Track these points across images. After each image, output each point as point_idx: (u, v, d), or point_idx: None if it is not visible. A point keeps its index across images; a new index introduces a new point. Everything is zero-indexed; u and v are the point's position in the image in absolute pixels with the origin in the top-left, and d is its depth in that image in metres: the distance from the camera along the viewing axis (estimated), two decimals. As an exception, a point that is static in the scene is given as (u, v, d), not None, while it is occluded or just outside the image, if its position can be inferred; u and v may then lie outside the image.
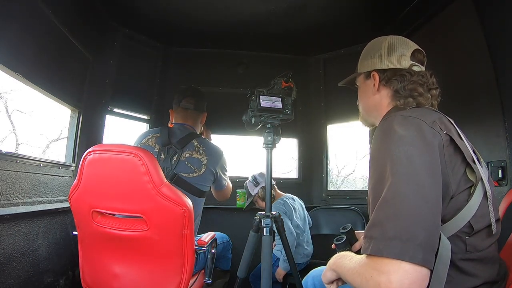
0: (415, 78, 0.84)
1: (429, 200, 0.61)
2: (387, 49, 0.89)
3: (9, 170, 1.25)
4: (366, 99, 0.95)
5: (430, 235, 0.59)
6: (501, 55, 1.25)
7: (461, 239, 0.67)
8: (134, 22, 2.08)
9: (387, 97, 0.88)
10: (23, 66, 1.31)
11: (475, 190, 0.67)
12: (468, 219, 0.66)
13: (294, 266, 1.34)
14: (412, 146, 0.64)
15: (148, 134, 1.49)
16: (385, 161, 0.66)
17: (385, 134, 0.70)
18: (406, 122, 0.69)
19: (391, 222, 0.60)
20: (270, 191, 1.25)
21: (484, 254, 0.69)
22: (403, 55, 0.88)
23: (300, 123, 2.53)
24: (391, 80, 0.87)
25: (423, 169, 0.62)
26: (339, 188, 8.24)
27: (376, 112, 0.92)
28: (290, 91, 1.29)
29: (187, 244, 1.12)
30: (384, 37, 0.93)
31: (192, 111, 1.58)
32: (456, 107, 1.56)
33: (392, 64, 0.88)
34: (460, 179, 0.68)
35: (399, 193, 0.61)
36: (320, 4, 1.81)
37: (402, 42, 0.90)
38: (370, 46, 0.96)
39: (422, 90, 0.84)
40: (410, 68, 0.86)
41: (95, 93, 1.94)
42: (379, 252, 0.59)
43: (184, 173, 1.37)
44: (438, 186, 0.63)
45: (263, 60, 2.50)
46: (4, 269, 1.17)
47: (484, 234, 0.69)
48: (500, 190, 1.23)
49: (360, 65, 0.97)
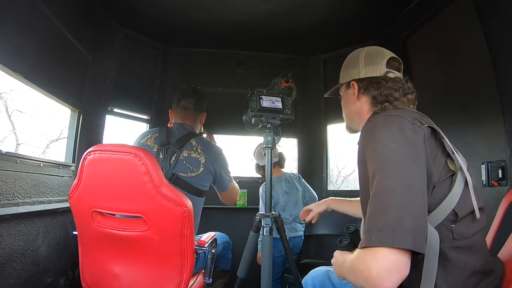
0: (390, 84, 0.90)
1: (415, 191, 0.66)
2: (364, 60, 0.96)
3: (9, 170, 1.25)
4: (348, 107, 1.02)
5: (419, 222, 0.64)
6: (501, 55, 1.25)
7: (448, 227, 0.71)
8: (134, 22, 2.08)
9: (367, 103, 0.95)
10: (23, 66, 1.31)
11: (456, 178, 0.73)
12: (452, 207, 0.71)
13: (294, 266, 1.34)
14: (395, 143, 0.71)
15: (147, 134, 1.49)
16: (372, 160, 0.72)
17: (370, 134, 0.76)
18: (389, 121, 0.76)
19: (380, 215, 0.65)
20: (270, 191, 1.25)
21: (472, 241, 0.73)
22: (379, 64, 0.94)
23: (300, 123, 2.53)
24: (368, 88, 0.93)
25: (407, 163, 0.68)
26: (339, 188, 8.24)
27: (358, 118, 0.99)
28: (290, 91, 1.29)
29: (187, 244, 1.12)
30: (362, 49, 1.00)
31: (192, 111, 1.57)
32: (456, 107, 1.56)
33: (369, 73, 0.94)
34: (442, 168, 0.73)
35: (386, 187, 0.66)
36: (320, 4, 1.81)
37: (378, 52, 0.96)
38: (350, 57, 1.02)
39: (397, 95, 0.89)
40: (385, 76, 0.92)
41: (95, 93, 1.94)
42: (371, 243, 0.63)
43: (183, 173, 1.37)
44: (423, 177, 0.68)
45: (263, 60, 2.50)
46: (4, 269, 1.17)
47: (469, 221, 0.73)
48: (500, 190, 1.24)
49: (341, 76, 1.04)
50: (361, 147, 0.79)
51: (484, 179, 1.30)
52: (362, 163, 0.77)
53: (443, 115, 1.66)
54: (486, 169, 1.29)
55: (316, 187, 2.45)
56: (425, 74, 1.83)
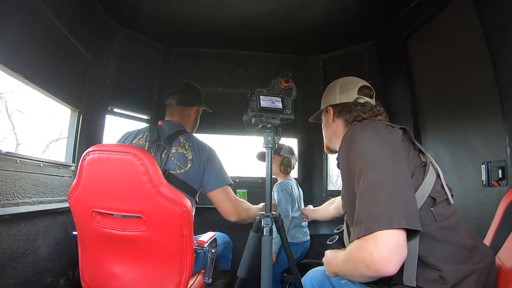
0: (359, 108, 1.04)
1: (399, 181, 0.73)
2: (339, 88, 1.12)
3: (9, 170, 1.25)
4: (327, 130, 1.18)
5: (408, 204, 0.70)
6: (501, 55, 1.25)
7: (428, 210, 0.79)
8: (134, 22, 2.08)
9: (341, 125, 1.10)
10: (23, 66, 1.31)
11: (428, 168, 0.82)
12: (428, 193, 0.79)
13: (294, 266, 1.33)
14: (373, 143, 0.79)
15: (138, 133, 1.49)
16: (355, 161, 0.79)
17: (350, 140, 0.84)
18: (364, 128, 0.86)
19: (372, 205, 0.70)
20: (270, 191, 1.25)
21: (453, 220, 0.81)
22: (351, 91, 1.08)
23: (300, 123, 2.53)
24: (341, 112, 1.08)
25: (387, 157, 0.76)
26: (339, 188, 8.21)
27: (336, 138, 1.13)
28: (290, 91, 1.29)
29: (186, 244, 1.12)
30: (338, 79, 1.16)
31: (175, 107, 1.57)
32: (456, 107, 1.56)
33: (342, 99, 1.09)
34: (416, 160, 0.83)
35: (372, 181, 0.73)
36: (320, 4, 1.81)
37: (351, 81, 1.12)
38: (328, 87, 1.18)
39: (366, 116, 1.02)
40: (355, 101, 1.06)
41: (95, 93, 1.94)
42: (369, 230, 0.67)
43: (172, 170, 1.36)
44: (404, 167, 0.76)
45: (263, 60, 2.50)
46: (4, 269, 1.17)
47: (445, 204, 0.83)
48: (500, 190, 1.23)
49: (322, 103, 1.20)
50: (343, 153, 0.86)
51: (484, 179, 1.30)
52: (346, 167, 0.84)
53: (443, 115, 1.66)
54: (486, 169, 1.29)
55: (316, 187, 2.46)
56: (425, 74, 1.83)
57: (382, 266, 0.64)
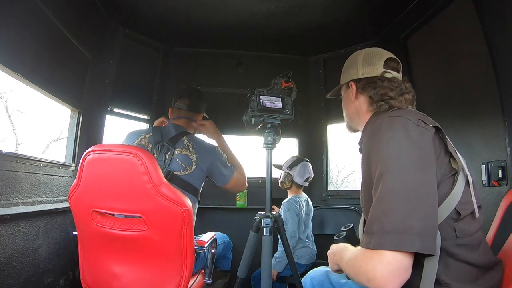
0: (386, 84, 0.92)
1: (422, 192, 0.66)
2: (362, 61, 0.98)
3: (9, 170, 1.25)
4: (348, 107, 1.05)
5: (427, 223, 0.64)
6: (501, 55, 1.25)
7: (450, 225, 0.72)
8: (134, 22, 2.08)
9: (365, 103, 0.97)
10: (23, 66, 1.31)
11: (458, 177, 0.74)
12: (454, 206, 0.72)
13: (294, 266, 1.33)
14: (400, 145, 0.71)
15: (140, 134, 1.49)
16: (377, 163, 0.72)
17: (375, 137, 0.76)
18: (393, 123, 0.75)
19: (387, 217, 0.65)
20: (270, 191, 1.25)
21: (474, 239, 0.74)
22: (376, 64, 0.96)
23: (300, 123, 2.53)
24: (365, 88, 0.96)
25: (412, 165, 0.68)
26: (339, 188, 8.24)
27: (357, 117, 1.01)
28: (290, 91, 1.29)
29: (186, 244, 1.12)
30: (361, 50, 1.02)
31: (185, 111, 1.58)
32: (456, 107, 1.56)
33: (366, 73, 0.96)
34: (444, 168, 0.74)
35: (391, 190, 0.67)
36: (320, 4, 1.81)
37: (376, 53, 0.99)
38: (349, 59, 1.05)
39: (393, 94, 0.91)
40: (381, 75, 0.94)
41: (95, 93, 1.94)
42: (380, 246, 0.64)
43: (177, 171, 1.37)
44: (431, 179, 0.69)
45: (263, 60, 2.50)
46: (4, 269, 1.17)
47: (469, 219, 0.75)
48: (500, 190, 1.23)
49: (342, 77, 1.07)
50: (366, 148, 0.79)
51: (484, 179, 1.30)
52: (366, 163, 0.77)
53: (443, 115, 1.66)
54: (486, 169, 1.29)
55: (316, 187, 2.45)
56: (425, 74, 1.83)
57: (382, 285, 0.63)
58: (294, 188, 2.10)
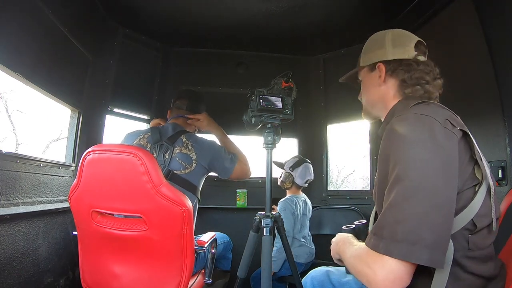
0: (422, 67, 0.85)
1: (440, 204, 0.62)
2: (391, 41, 0.89)
3: (9, 170, 1.25)
4: (371, 92, 0.95)
5: (439, 237, 0.61)
6: (501, 55, 1.25)
7: (464, 237, 0.68)
8: (134, 22, 2.08)
9: (393, 87, 0.89)
10: (23, 66, 1.31)
11: (479, 188, 0.68)
12: (471, 217, 0.67)
13: (294, 266, 1.33)
14: (424, 150, 0.65)
15: (139, 134, 1.49)
16: (395, 162, 0.66)
17: (397, 133, 0.69)
18: (419, 123, 0.68)
19: (400, 225, 0.62)
20: (270, 191, 1.25)
21: (485, 252, 0.70)
22: (407, 46, 0.88)
23: (300, 123, 2.53)
24: (397, 70, 0.87)
25: (434, 173, 0.63)
26: (339, 188, 8.23)
27: (381, 104, 0.92)
28: (290, 91, 1.29)
29: (186, 244, 1.12)
30: (385, 31, 0.93)
31: (184, 111, 1.59)
32: (456, 107, 1.55)
33: (397, 55, 0.88)
34: (467, 177, 0.68)
35: (408, 197, 0.62)
36: (320, 4, 1.81)
37: (405, 34, 0.91)
38: (373, 39, 0.96)
39: (429, 78, 0.85)
40: (415, 58, 0.87)
41: (95, 93, 1.94)
42: (388, 253, 0.62)
43: (177, 170, 1.37)
44: (451, 189, 0.64)
45: (263, 60, 2.50)
46: (4, 269, 1.17)
47: (485, 232, 0.70)
48: (500, 190, 1.23)
49: (364, 59, 0.97)
50: (386, 144, 0.72)
51: (484, 179, 1.30)
52: (384, 158, 0.71)
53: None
54: (486, 169, 1.29)
55: (316, 187, 2.45)
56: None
57: None
58: (293, 188, 2.11)
